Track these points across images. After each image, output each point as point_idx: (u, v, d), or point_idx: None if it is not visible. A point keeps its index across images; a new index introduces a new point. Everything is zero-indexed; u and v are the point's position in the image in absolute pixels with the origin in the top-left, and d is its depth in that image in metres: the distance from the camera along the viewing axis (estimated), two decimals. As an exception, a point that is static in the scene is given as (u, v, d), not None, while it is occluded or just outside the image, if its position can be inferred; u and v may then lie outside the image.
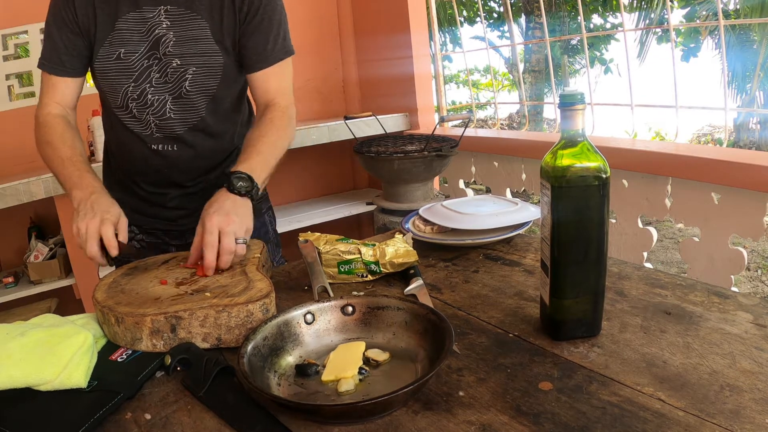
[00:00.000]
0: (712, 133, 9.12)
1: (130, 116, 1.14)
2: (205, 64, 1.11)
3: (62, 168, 1.04)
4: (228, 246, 0.89)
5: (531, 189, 2.41)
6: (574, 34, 9.17)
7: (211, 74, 1.13)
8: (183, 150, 1.17)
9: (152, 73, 1.10)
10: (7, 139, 2.49)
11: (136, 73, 1.10)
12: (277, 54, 1.15)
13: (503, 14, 10.08)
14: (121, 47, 1.08)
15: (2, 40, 2.47)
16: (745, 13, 7.68)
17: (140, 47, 1.09)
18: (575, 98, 0.66)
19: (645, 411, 0.56)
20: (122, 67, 1.09)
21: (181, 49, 1.09)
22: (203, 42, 1.11)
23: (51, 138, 1.07)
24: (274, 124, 1.12)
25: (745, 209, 1.62)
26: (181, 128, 1.15)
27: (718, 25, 1.89)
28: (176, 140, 1.16)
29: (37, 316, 0.81)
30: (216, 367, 0.67)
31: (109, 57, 1.09)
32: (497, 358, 0.68)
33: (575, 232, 0.68)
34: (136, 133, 1.15)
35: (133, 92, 1.11)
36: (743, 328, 0.70)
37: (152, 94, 1.11)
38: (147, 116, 1.13)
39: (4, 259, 2.63)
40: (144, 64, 1.09)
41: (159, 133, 1.15)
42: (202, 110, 1.15)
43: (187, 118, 1.15)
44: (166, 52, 1.09)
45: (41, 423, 0.61)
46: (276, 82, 1.17)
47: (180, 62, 1.10)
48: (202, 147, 1.18)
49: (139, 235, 1.28)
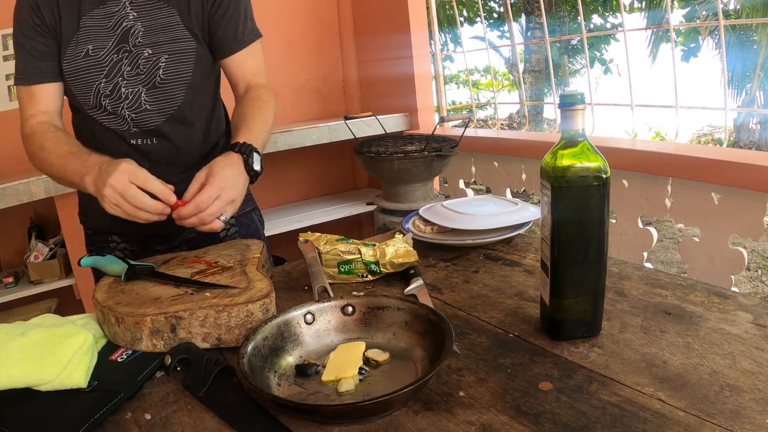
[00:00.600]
0: (712, 133, 9.12)
1: (105, 114, 1.12)
2: (177, 50, 1.11)
3: (64, 166, 1.00)
4: (211, 215, 0.89)
5: (531, 189, 2.41)
6: (574, 34, 9.17)
7: (184, 61, 1.12)
8: (162, 142, 1.15)
9: (123, 66, 1.08)
10: (7, 139, 2.49)
11: (107, 68, 1.08)
12: (248, 36, 1.17)
13: (503, 14, 10.09)
14: (88, 44, 1.07)
15: (2, 40, 2.47)
16: (746, 13, 7.68)
17: (108, 42, 1.07)
18: (575, 98, 0.66)
19: (645, 411, 0.56)
20: (91, 64, 1.07)
21: (152, 38, 1.08)
22: (173, 29, 1.10)
23: (43, 143, 1.04)
24: (263, 100, 1.13)
25: (745, 209, 1.62)
26: (159, 119, 1.13)
27: (718, 25, 1.89)
28: (154, 133, 1.14)
29: (37, 316, 0.81)
30: (216, 367, 0.67)
31: (77, 56, 1.07)
32: (497, 358, 0.68)
33: (575, 232, 0.68)
34: (112, 129, 1.13)
35: (105, 88, 1.09)
36: (743, 328, 0.70)
37: (125, 87, 1.09)
38: (122, 111, 1.11)
39: (4, 259, 2.64)
40: (114, 59, 1.08)
41: (136, 127, 1.13)
42: (179, 99, 1.13)
43: (164, 108, 1.13)
44: (136, 43, 1.08)
45: (41, 423, 0.61)
46: (252, 64, 1.19)
47: (151, 51, 1.09)
48: (181, 138, 1.17)
49: (122, 244, 1.24)
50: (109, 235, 1.24)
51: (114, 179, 0.87)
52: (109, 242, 1.24)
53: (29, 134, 1.07)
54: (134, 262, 0.91)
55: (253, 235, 1.32)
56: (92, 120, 1.13)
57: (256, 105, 1.12)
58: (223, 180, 0.91)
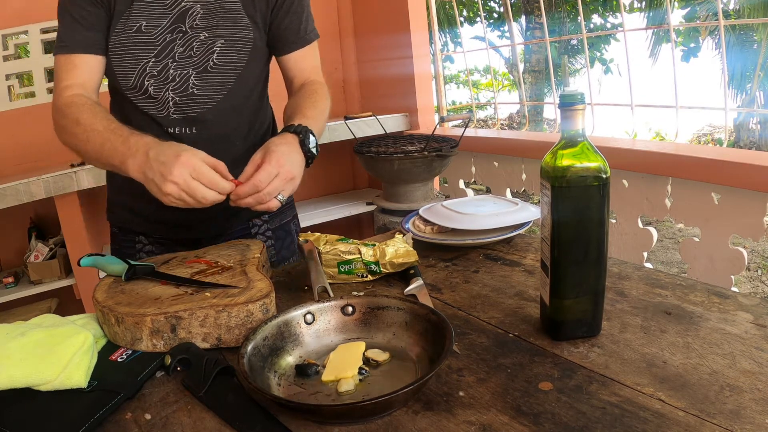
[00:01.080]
0: (712, 133, 9.12)
1: (145, 96, 1.06)
2: (235, 37, 1.07)
3: (101, 144, 0.91)
4: (269, 194, 0.87)
5: (531, 189, 2.41)
6: (574, 34, 9.18)
7: (240, 49, 1.08)
8: (202, 133, 1.09)
9: (176, 47, 1.04)
10: (7, 139, 2.49)
11: (159, 47, 1.03)
12: (309, 35, 1.17)
13: (503, 14, 10.09)
14: (141, 19, 1.02)
15: (2, 40, 2.47)
16: (746, 13, 7.68)
17: (163, 20, 1.03)
18: (575, 98, 0.66)
19: (645, 411, 0.56)
20: (142, 40, 1.02)
21: (210, 22, 1.05)
22: (234, 15, 1.07)
23: (78, 116, 0.95)
24: (319, 93, 1.12)
25: (745, 209, 1.62)
26: (203, 106, 1.08)
27: (718, 25, 1.89)
28: (195, 121, 1.09)
29: (37, 316, 0.80)
30: (216, 367, 0.67)
31: (128, 29, 1.02)
32: (497, 359, 0.68)
33: (575, 232, 0.68)
34: (150, 115, 1.07)
35: (152, 68, 1.04)
36: (743, 328, 0.70)
37: (174, 69, 1.04)
38: (166, 93, 1.06)
39: (4, 259, 2.64)
40: (167, 38, 1.03)
41: (177, 113, 1.07)
42: (227, 86, 1.09)
43: (211, 95, 1.08)
44: (193, 25, 1.04)
45: (41, 423, 0.61)
46: (311, 61, 1.18)
47: (208, 35, 1.05)
48: (222, 131, 1.12)
49: (147, 246, 1.20)
50: (137, 235, 1.21)
51: (177, 176, 0.82)
52: (135, 243, 1.21)
53: (63, 106, 0.99)
54: (134, 262, 0.91)
55: (288, 248, 1.28)
56: (129, 103, 1.08)
57: (312, 97, 1.10)
58: (281, 157, 0.89)
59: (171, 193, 0.82)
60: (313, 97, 1.10)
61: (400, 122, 2.85)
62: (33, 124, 2.53)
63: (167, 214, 1.12)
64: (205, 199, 0.84)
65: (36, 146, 2.55)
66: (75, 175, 2.24)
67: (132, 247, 1.21)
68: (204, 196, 0.83)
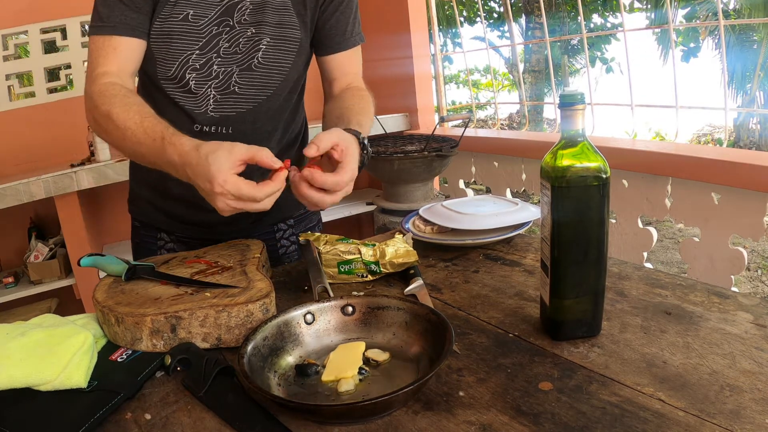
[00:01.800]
0: (712, 133, 9.12)
1: (185, 90, 1.02)
2: (282, 36, 1.03)
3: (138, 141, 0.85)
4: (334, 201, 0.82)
5: (531, 189, 2.41)
6: (574, 34, 9.18)
7: (286, 49, 1.04)
8: (236, 133, 1.05)
9: (221, 41, 0.99)
10: (7, 139, 2.49)
11: (204, 39, 0.98)
12: (356, 38, 1.13)
13: (503, 14, 10.09)
14: (189, 8, 0.97)
15: (2, 40, 2.47)
16: (746, 13, 7.69)
17: (211, 11, 0.98)
18: (575, 98, 0.66)
19: (645, 411, 0.56)
20: (188, 30, 0.97)
21: (258, 17, 1.00)
22: (283, 12, 1.02)
23: (110, 108, 0.88)
24: (366, 100, 1.07)
25: (745, 209, 1.62)
26: (244, 106, 1.05)
27: (718, 25, 1.89)
28: (231, 121, 1.05)
29: (37, 316, 0.80)
30: (216, 367, 0.67)
31: (175, 17, 0.96)
32: (497, 358, 0.68)
33: (575, 232, 0.68)
34: (186, 110, 1.03)
35: (195, 61, 0.99)
36: (743, 328, 0.70)
37: (218, 65, 1.00)
38: (208, 90, 1.01)
39: (4, 259, 2.64)
40: (213, 31, 0.98)
41: (216, 111, 1.03)
42: (271, 87, 1.06)
43: (253, 95, 1.05)
44: (241, 20, 0.99)
45: (41, 423, 0.61)
46: (356, 65, 1.15)
47: (255, 31, 1.00)
48: (257, 132, 1.07)
49: (169, 243, 1.17)
50: (158, 231, 1.18)
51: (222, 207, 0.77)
52: (157, 239, 1.18)
53: (96, 94, 0.92)
54: (134, 262, 0.91)
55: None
56: (163, 94, 1.03)
57: (363, 104, 1.05)
58: (353, 160, 0.82)
59: (224, 210, 0.77)
60: (363, 101, 1.05)
61: (400, 122, 2.85)
62: (33, 124, 2.54)
63: (191, 214, 1.11)
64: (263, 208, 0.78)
65: (36, 146, 2.55)
66: (75, 175, 2.24)
67: (154, 243, 1.18)
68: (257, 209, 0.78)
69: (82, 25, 2.57)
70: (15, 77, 2.54)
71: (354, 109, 1.02)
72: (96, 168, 2.28)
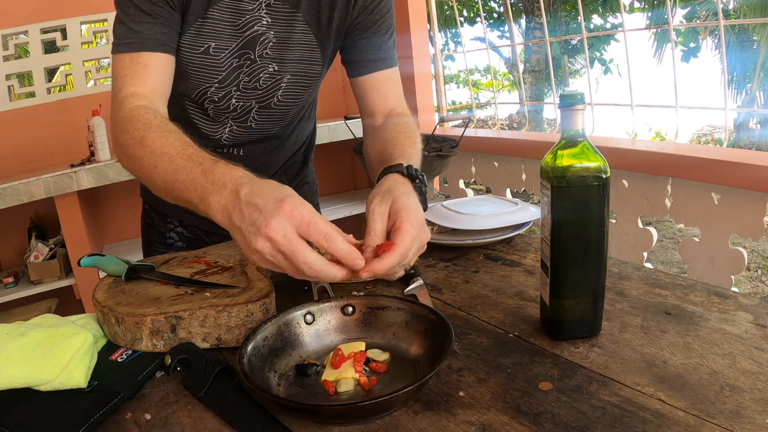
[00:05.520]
0: (712, 133, 9.12)
1: (204, 116, 1.00)
2: (303, 72, 0.99)
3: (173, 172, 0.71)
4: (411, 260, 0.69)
5: (531, 189, 2.41)
6: (574, 34, 9.18)
7: (306, 84, 1.01)
8: (246, 159, 1.01)
9: (241, 75, 0.95)
10: (7, 139, 2.49)
11: (224, 73, 0.94)
12: (393, 60, 1.03)
13: (503, 14, 10.09)
14: (211, 41, 0.91)
15: (2, 40, 2.47)
16: (745, 13, 7.69)
17: (231, 43, 0.92)
18: (575, 98, 0.66)
19: (645, 411, 0.56)
20: (209, 64, 0.93)
21: (280, 53, 0.95)
22: (304, 46, 0.97)
23: (144, 134, 0.76)
24: (415, 133, 0.97)
25: (745, 209, 1.62)
26: (257, 135, 1.04)
27: (718, 25, 1.89)
28: (247, 145, 1.04)
29: (37, 316, 0.80)
30: (216, 367, 0.67)
31: (195, 49, 0.91)
32: (497, 358, 0.68)
33: (575, 233, 0.68)
34: (204, 133, 1.01)
35: (214, 93, 0.96)
36: (743, 328, 0.70)
37: (237, 99, 0.97)
38: (226, 120, 0.99)
39: (4, 259, 2.64)
40: (233, 63, 0.94)
41: (230, 139, 1.02)
42: (285, 119, 1.05)
43: (269, 128, 1.04)
44: (263, 54, 0.94)
45: (41, 423, 0.61)
46: (396, 88, 1.05)
47: (277, 68, 0.96)
48: (268, 153, 1.07)
49: (179, 228, 1.18)
50: (168, 217, 1.19)
51: (274, 229, 0.60)
52: (167, 222, 1.19)
53: (125, 119, 0.80)
54: (134, 262, 0.91)
55: None
56: (182, 109, 0.99)
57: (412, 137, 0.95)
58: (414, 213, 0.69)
59: (262, 250, 0.61)
60: (413, 137, 0.95)
61: (400, 122, 2.85)
62: (33, 124, 2.54)
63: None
64: (310, 268, 0.60)
65: (36, 146, 2.55)
66: (75, 175, 2.24)
67: (164, 225, 1.19)
68: (308, 262, 0.60)
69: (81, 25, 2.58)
70: (15, 77, 2.54)
71: (396, 140, 0.91)
72: (96, 168, 2.28)
